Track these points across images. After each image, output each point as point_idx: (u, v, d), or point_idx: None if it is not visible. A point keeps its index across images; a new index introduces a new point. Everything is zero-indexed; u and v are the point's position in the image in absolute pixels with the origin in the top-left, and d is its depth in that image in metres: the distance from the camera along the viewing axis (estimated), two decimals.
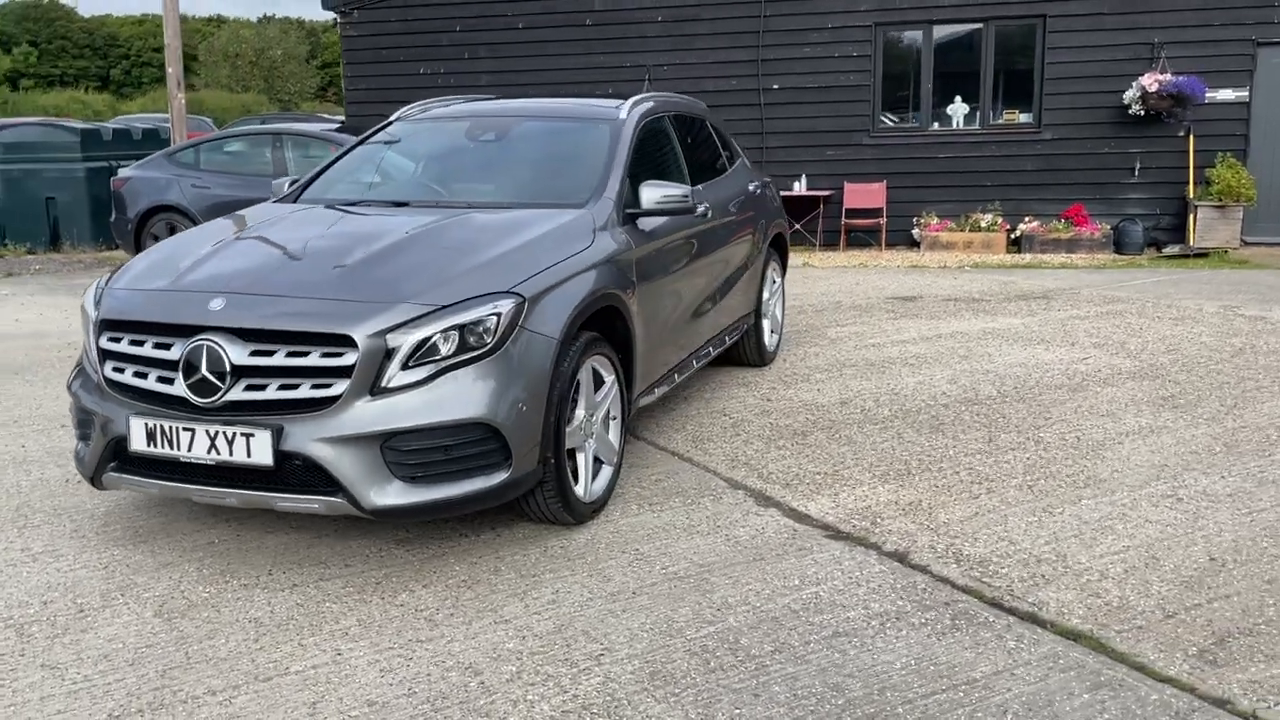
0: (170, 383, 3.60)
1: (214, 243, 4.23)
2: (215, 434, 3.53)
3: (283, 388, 3.51)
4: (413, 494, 3.54)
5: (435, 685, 2.99)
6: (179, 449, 3.58)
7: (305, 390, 3.50)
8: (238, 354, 3.52)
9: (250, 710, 2.87)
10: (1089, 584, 3.57)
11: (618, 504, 4.34)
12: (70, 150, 13.76)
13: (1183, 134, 11.89)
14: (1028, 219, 12.25)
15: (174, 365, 3.59)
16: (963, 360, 6.80)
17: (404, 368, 3.53)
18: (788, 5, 12.70)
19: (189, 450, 3.57)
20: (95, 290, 4.04)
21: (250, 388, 3.52)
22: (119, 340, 3.77)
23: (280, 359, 3.52)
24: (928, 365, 6.68)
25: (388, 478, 3.51)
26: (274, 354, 3.52)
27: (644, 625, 3.32)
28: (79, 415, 3.93)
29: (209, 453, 3.55)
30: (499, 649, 3.18)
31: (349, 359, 3.48)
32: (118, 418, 3.70)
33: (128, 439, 3.66)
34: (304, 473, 3.53)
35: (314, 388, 3.50)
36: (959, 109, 12.74)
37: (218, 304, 3.63)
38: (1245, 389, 5.95)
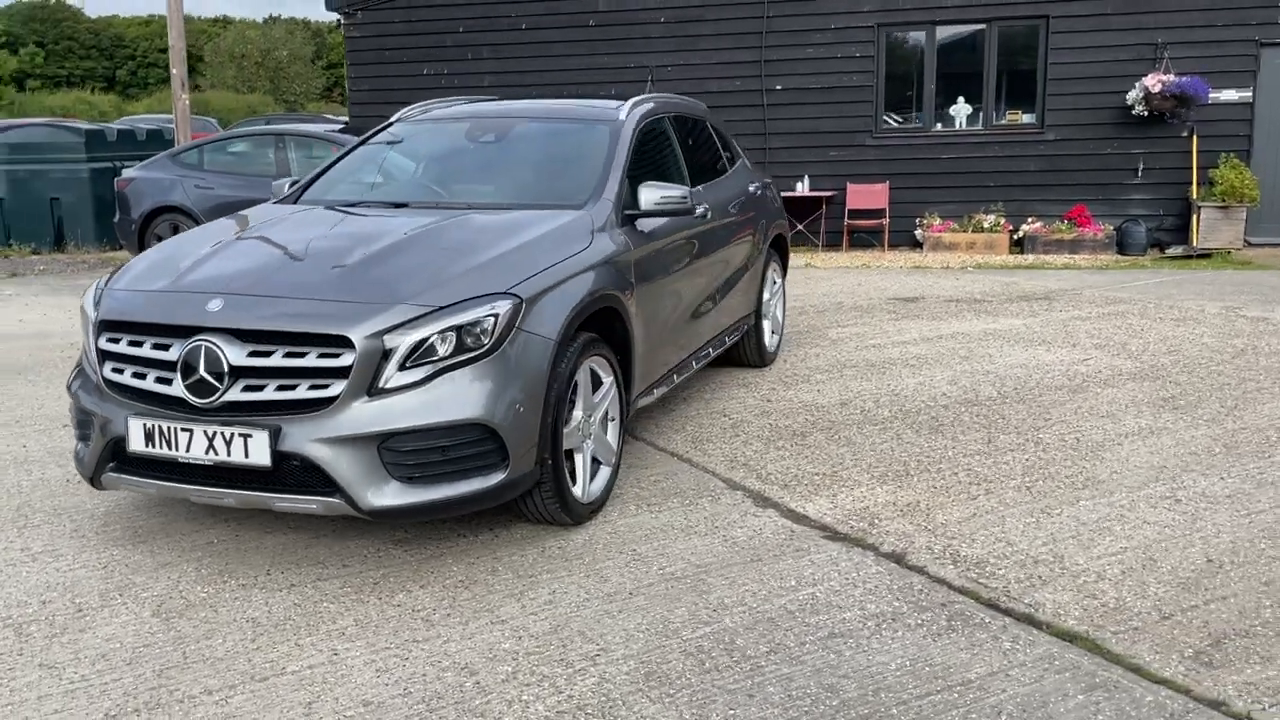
0: (169, 383, 3.62)
1: (213, 244, 4.25)
2: (213, 434, 3.54)
3: (280, 388, 3.52)
4: (410, 494, 3.55)
5: (431, 685, 2.99)
6: (177, 449, 3.59)
7: (303, 391, 3.51)
8: (236, 355, 3.54)
9: (246, 710, 2.88)
10: (1086, 585, 3.56)
11: (616, 504, 4.35)
12: (75, 151, 13.81)
13: (1186, 134, 11.87)
14: (1031, 220, 12.23)
15: (172, 366, 3.60)
16: (963, 361, 6.80)
17: (401, 368, 3.54)
18: (791, 6, 12.70)
19: (187, 451, 3.58)
20: (95, 291, 4.06)
21: (248, 388, 3.53)
22: (118, 341, 3.78)
23: (278, 360, 3.53)
24: (928, 366, 6.68)
25: (385, 478, 3.52)
26: (272, 355, 3.53)
27: (640, 626, 3.33)
28: (78, 416, 3.95)
29: (207, 453, 3.56)
30: (495, 649, 3.19)
31: (346, 360, 3.49)
32: (116, 418, 3.71)
33: (126, 439, 3.67)
34: (301, 473, 3.54)
35: (311, 388, 3.51)
36: (962, 109, 12.73)
37: (216, 305, 3.64)
38: (1246, 390, 5.94)
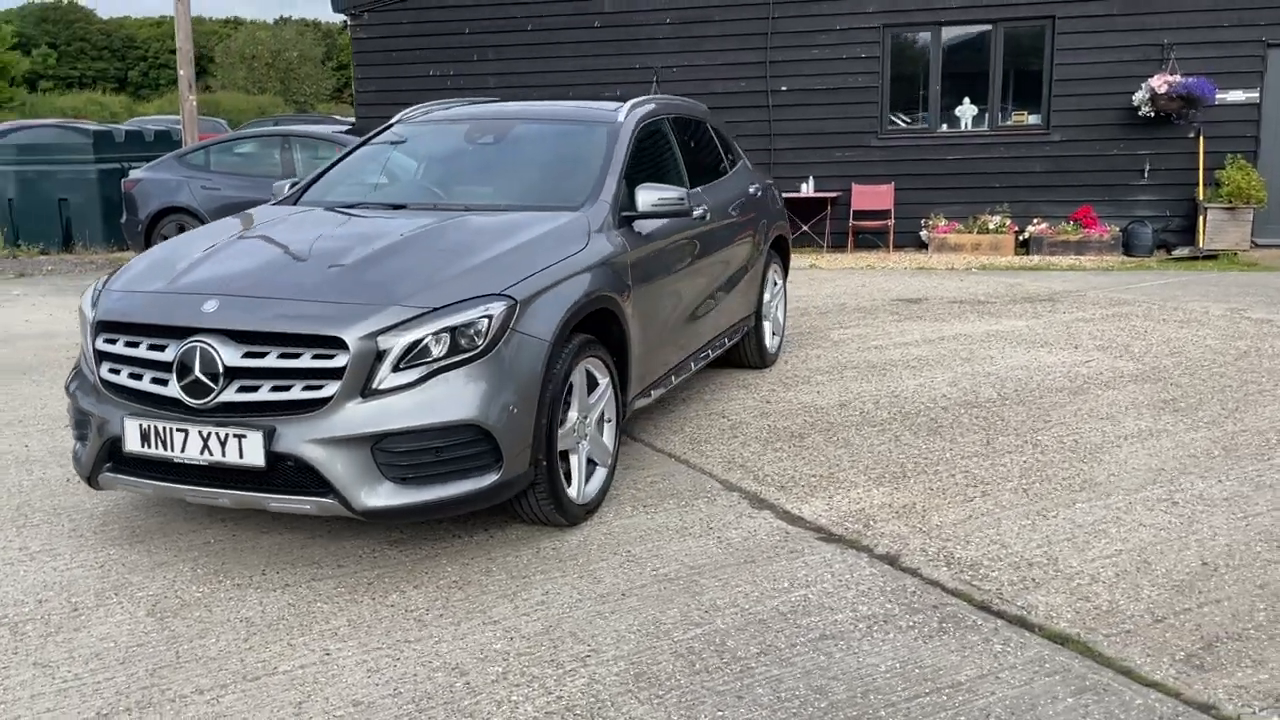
0: (164, 384, 3.64)
1: (211, 245, 4.27)
2: (208, 435, 3.56)
3: (275, 389, 3.53)
4: (403, 495, 3.56)
5: (421, 685, 3.00)
6: (172, 450, 3.61)
7: (297, 392, 3.52)
8: (230, 355, 3.55)
9: (236, 709, 2.89)
10: (1079, 588, 3.56)
11: (612, 505, 4.36)
12: (83, 152, 13.88)
13: (1192, 135, 11.82)
14: (1036, 221, 12.20)
15: (168, 366, 3.62)
16: (964, 363, 6.78)
17: (395, 370, 3.55)
18: (796, 7, 12.69)
19: (182, 451, 3.60)
20: (93, 292, 4.08)
21: (243, 389, 3.55)
22: (115, 342, 3.80)
23: (272, 360, 3.54)
24: (929, 367, 6.67)
25: (378, 479, 3.54)
26: (266, 355, 3.55)
27: (631, 627, 3.33)
28: (76, 416, 3.97)
29: (202, 454, 3.58)
30: (486, 650, 3.20)
31: (340, 361, 3.50)
32: (113, 418, 3.73)
33: (122, 440, 3.69)
34: (296, 474, 3.56)
35: (306, 389, 3.52)
36: (967, 110, 12.70)
37: (211, 306, 3.66)
38: (1247, 392, 5.92)
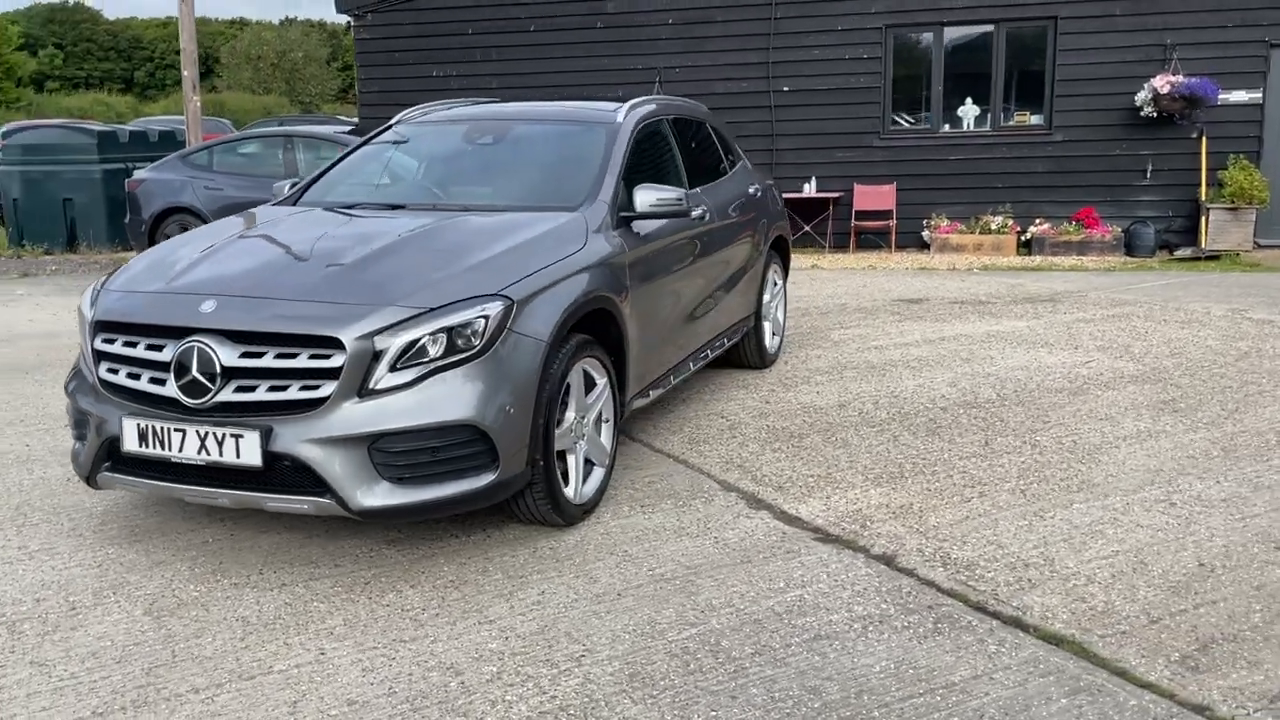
0: (162, 384, 3.65)
1: (210, 245, 4.28)
2: (205, 435, 3.57)
3: (272, 389, 3.54)
4: (400, 495, 3.57)
5: (416, 685, 3.01)
6: (170, 449, 3.62)
7: (294, 392, 3.53)
8: (228, 355, 3.56)
9: (231, 708, 2.90)
10: (1075, 588, 3.56)
11: (609, 505, 4.36)
12: (87, 152, 13.92)
13: (1195, 136, 11.81)
14: (1038, 221, 12.19)
15: (166, 366, 3.63)
16: (964, 363, 6.78)
17: (392, 370, 3.56)
18: (798, 8, 12.69)
19: (180, 451, 3.61)
20: (92, 292, 4.10)
21: (240, 389, 3.56)
22: (113, 341, 3.81)
23: (269, 360, 3.55)
24: (929, 368, 6.67)
25: (375, 479, 3.55)
26: (263, 356, 3.56)
27: (627, 627, 3.34)
28: (75, 416, 3.98)
29: (199, 453, 3.59)
30: (481, 649, 3.21)
31: (337, 361, 3.51)
32: (111, 418, 3.74)
33: (121, 439, 3.71)
34: (293, 473, 3.57)
35: (302, 389, 3.53)
36: (970, 111, 12.69)
37: (209, 306, 3.67)
38: (1247, 393, 5.91)
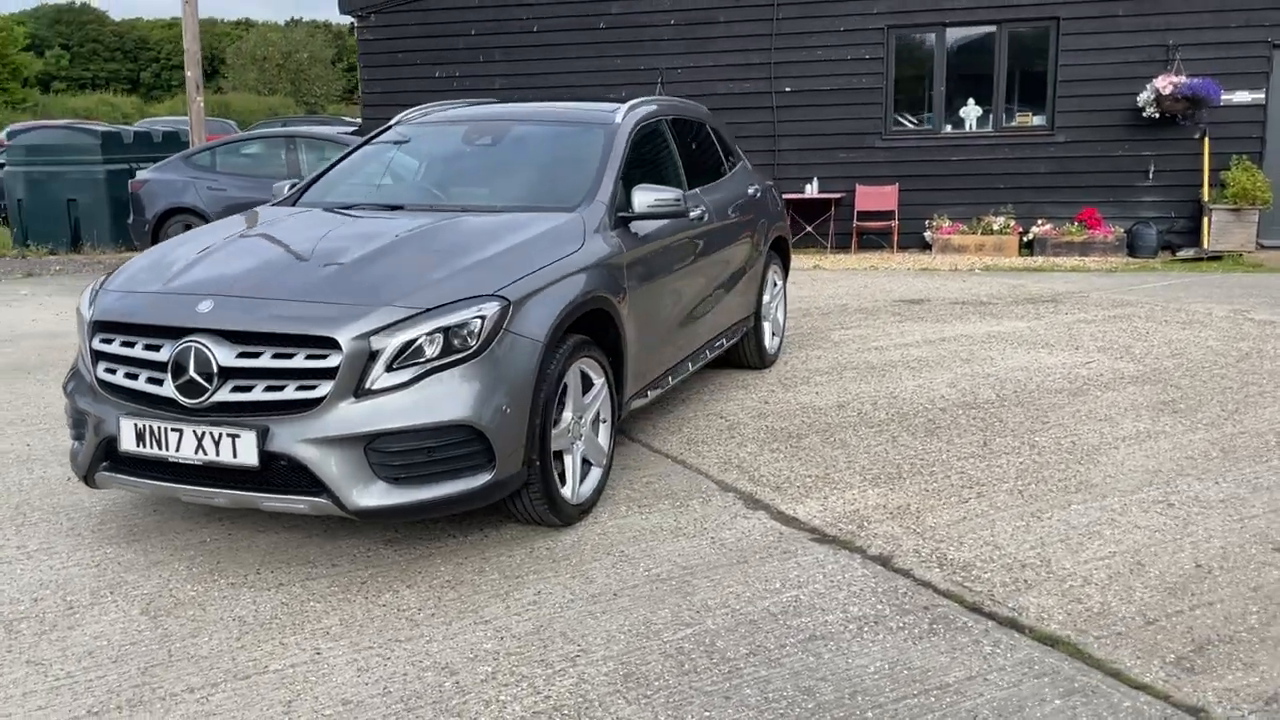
0: (160, 384, 3.65)
1: (208, 245, 4.29)
2: (202, 435, 3.58)
3: (269, 389, 3.55)
4: (396, 495, 3.57)
5: (410, 685, 3.02)
6: (167, 449, 3.63)
7: (290, 392, 3.54)
8: (225, 355, 3.57)
9: (226, 708, 2.91)
10: (1071, 589, 3.55)
11: (606, 506, 4.36)
12: (91, 153, 13.95)
13: (1198, 136, 11.78)
14: (1040, 222, 12.18)
15: (163, 366, 3.64)
16: (964, 364, 6.78)
17: (388, 370, 3.56)
18: (800, 8, 12.69)
19: (177, 450, 3.62)
20: (90, 292, 4.11)
21: (237, 389, 3.56)
22: (111, 341, 3.82)
23: (266, 361, 3.56)
24: (929, 368, 6.66)
25: (371, 479, 3.55)
26: (260, 356, 3.56)
27: (622, 627, 3.34)
28: (74, 415, 3.99)
29: (196, 453, 3.60)
30: (476, 649, 3.21)
31: (333, 361, 3.52)
32: (109, 418, 3.75)
33: (118, 439, 3.71)
34: (289, 473, 3.57)
35: (299, 389, 3.53)
36: (972, 111, 12.68)
37: (206, 306, 3.68)
38: (1248, 394, 5.90)
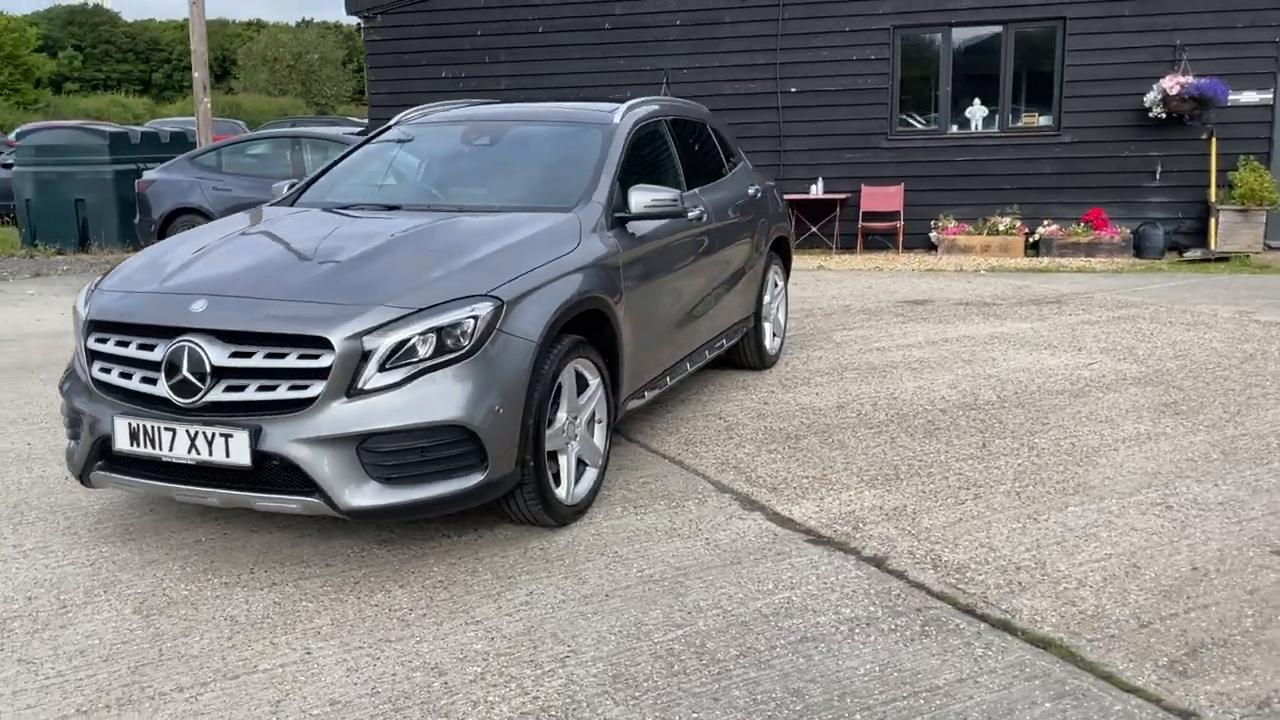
0: (153, 383, 3.66)
1: (204, 245, 4.30)
2: (195, 434, 3.58)
3: (261, 389, 3.55)
4: (388, 495, 3.57)
5: (399, 685, 3.02)
6: (161, 449, 3.64)
7: (283, 391, 3.54)
8: (218, 355, 3.57)
9: (214, 707, 2.91)
10: (1065, 592, 3.53)
11: (602, 506, 4.36)
12: (99, 153, 14.00)
13: (1205, 137, 11.72)
14: (1046, 222, 12.13)
15: (157, 366, 3.65)
16: (966, 365, 6.75)
17: (381, 370, 3.56)
18: (806, 9, 12.67)
19: (170, 450, 3.62)
20: (86, 291, 4.12)
21: (230, 389, 3.57)
22: (106, 341, 3.83)
23: (259, 360, 3.56)
24: (930, 369, 6.64)
25: (363, 478, 3.55)
26: (253, 355, 3.57)
27: (613, 628, 3.33)
28: (69, 415, 4.00)
29: (189, 452, 3.60)
30: (466, 650, 3.21)
31: (326, 361, 3.52)
32: (104, 417, 3.76)
33: (112, 438, 3.72)
34: (282, 473, 3.58)
35: (291, 389, 3.54)
36: (978, 111, 12.64)
37: (199, 305, 3.69)
38: (1251, 396, 5.87)
